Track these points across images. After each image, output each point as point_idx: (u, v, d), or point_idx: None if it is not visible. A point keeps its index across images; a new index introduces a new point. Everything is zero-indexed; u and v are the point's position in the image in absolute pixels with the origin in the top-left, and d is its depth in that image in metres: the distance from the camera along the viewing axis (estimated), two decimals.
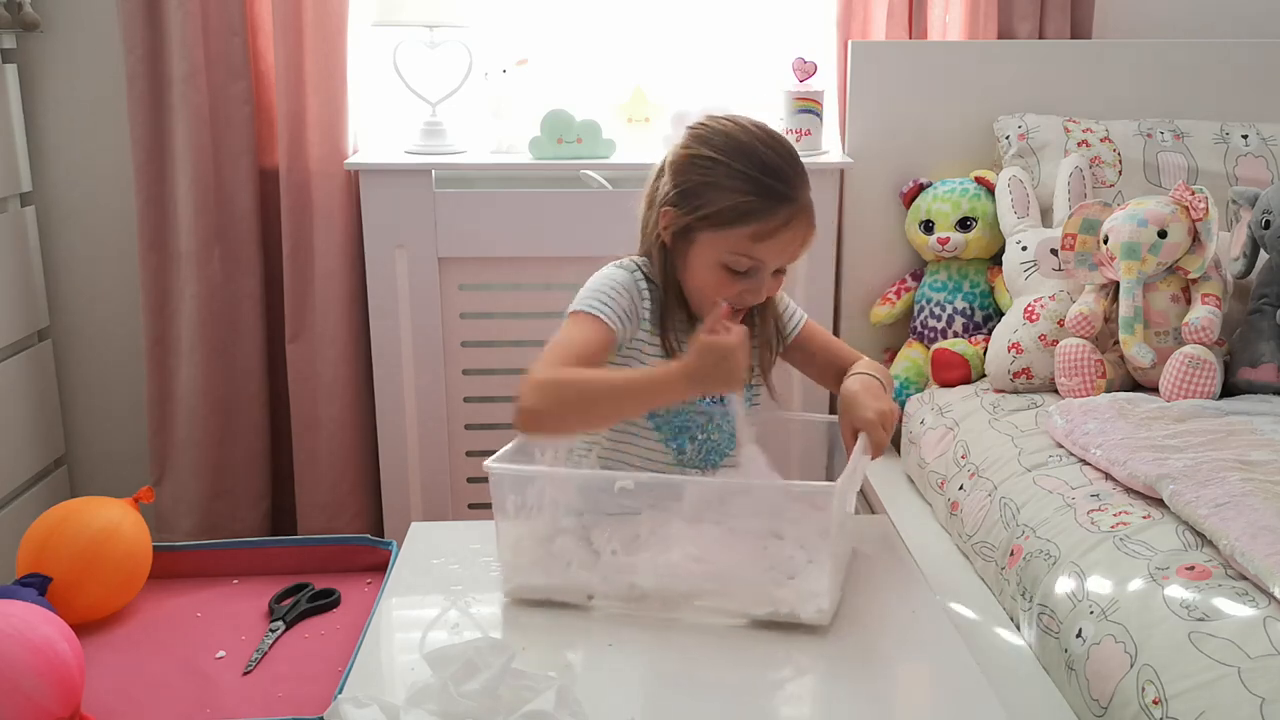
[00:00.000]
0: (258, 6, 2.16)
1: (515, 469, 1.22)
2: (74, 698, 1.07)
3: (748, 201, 1.28)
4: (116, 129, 2.24)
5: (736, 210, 1.28)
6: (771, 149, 1.30)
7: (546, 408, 1.21)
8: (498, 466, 1.20)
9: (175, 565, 1.43)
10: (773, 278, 1.34)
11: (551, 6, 2.31)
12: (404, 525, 1.56)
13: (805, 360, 1.49)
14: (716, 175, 1.29)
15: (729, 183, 1.28)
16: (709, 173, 1.29)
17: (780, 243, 1.29)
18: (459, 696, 0.97)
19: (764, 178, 1.28)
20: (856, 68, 2.22)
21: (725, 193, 1.28)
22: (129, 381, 2.36)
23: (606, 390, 1.23)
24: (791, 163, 1.31)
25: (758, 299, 1.34)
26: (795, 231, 1.30)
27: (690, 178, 1.31)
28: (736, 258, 1.29)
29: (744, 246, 1.29)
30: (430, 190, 2.12)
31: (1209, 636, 1.08)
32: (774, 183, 1.28)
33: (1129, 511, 1.36)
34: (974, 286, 2.16)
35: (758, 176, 1.28)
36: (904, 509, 1.86)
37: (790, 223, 1.29)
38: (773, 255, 1.30)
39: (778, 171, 1.29)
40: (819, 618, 1.15)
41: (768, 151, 1.30)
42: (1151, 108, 2.22)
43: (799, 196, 1.30)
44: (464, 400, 2.23)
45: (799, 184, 1.30)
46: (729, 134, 1.31)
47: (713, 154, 1.30)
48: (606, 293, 1.33)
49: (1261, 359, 1.76)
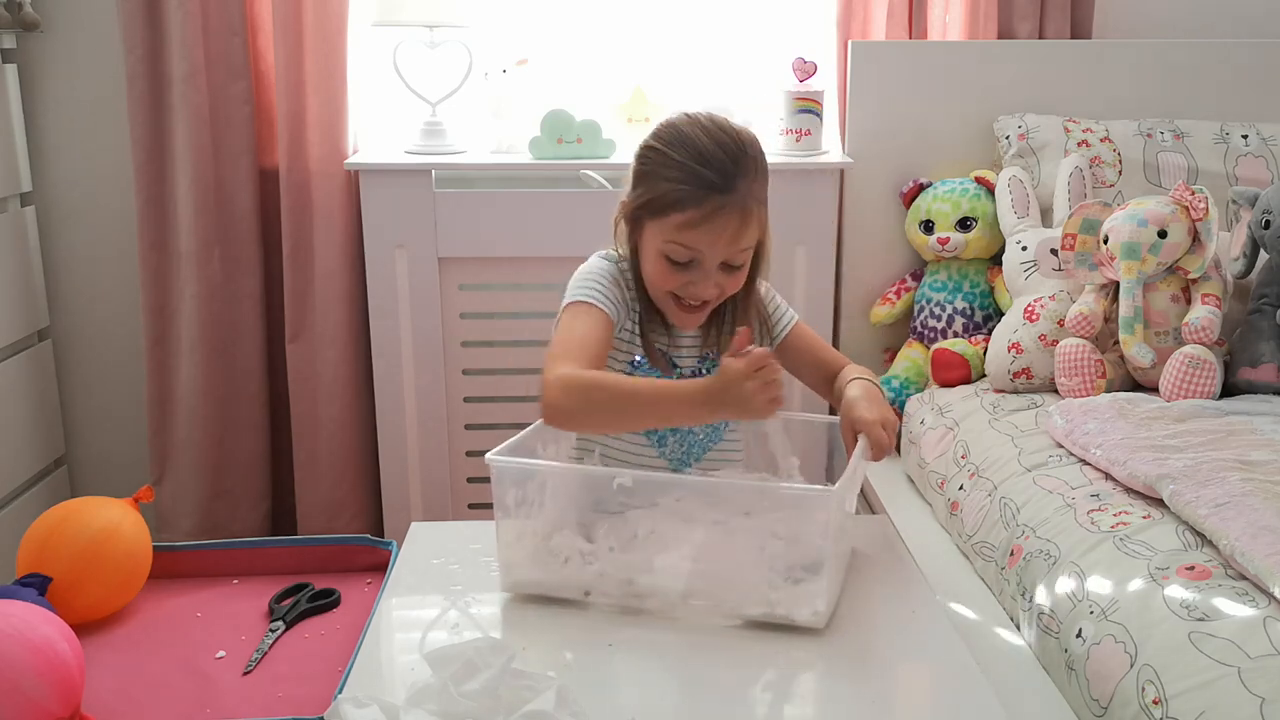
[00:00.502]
0: (258, 6, 2.16)
1: (517, 462, 1.22)
2: (74, 698, 1.07)
3: (676, 189, 1.29)
4: (116, 129, 2.24)
5: (666, 198, 1.30)
6: (712, 139, 1.30)
7: (577, 408, 1.24)
8: (499, 460, 1.21)
9: (175, 565, 1.43)
10: (723, 273, 1.33)
11: (551, 6, 2.31)
12: (404, 525, 1.56)
13: (794, 363, 1.48)
14: (655, 164, 1.32)
15: (664, 171, 1.30)
16: (650, 161, 1.33)
17: (708, 233, 1.29)
18: (459, 696, 0.97)
19: (695, 165, 1.28)
20: (856, 68, 2.22)
21: (660, 181, 1.31)
22: (129, 381, 2.36)
23: (634, 400, 1.25)
24: (731, 153, 1.29)
25: (705, 293, 1.33)
26: (724, 222, 1.29)
27: (638, 167, 1.35)
28: (671, 246, 1.31)
29: (674, 235, 1.30)
30: (430, 190, 2.12)
31: (1209, 636, 1.08)
32: (704, 171, 1.28)
33: (1129, 511, 1.36)
34: (974, 286, 2.16)
35: (689, 164, 1.28)
36: (904, 509, 1.86)
37: (717, 213, 1.28)
38: (704, 245, 1.30)
39: (710, 161, 1.28)
40: (815, 620, 1.14)
41: (706, 141, 1.29)
42: (1151, 108, 2.22)
43: (731, 187, 1.28)
44: (464, 400, 2.23)
45: (734, 175, 1.29)
46: (675, 125, 1.33)
47: (655, 143, 1.33)
48: (598, 282, 1.36)
49: (1261, 359, 1.76)
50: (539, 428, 1.30)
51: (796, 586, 1.15)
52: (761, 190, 1.33)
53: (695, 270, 1.32)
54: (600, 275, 1.37)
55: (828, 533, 1.14)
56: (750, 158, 1.31)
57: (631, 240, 1.37)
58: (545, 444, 1.30)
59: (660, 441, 1.42)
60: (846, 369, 1.44)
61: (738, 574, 1.16)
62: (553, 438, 1.31)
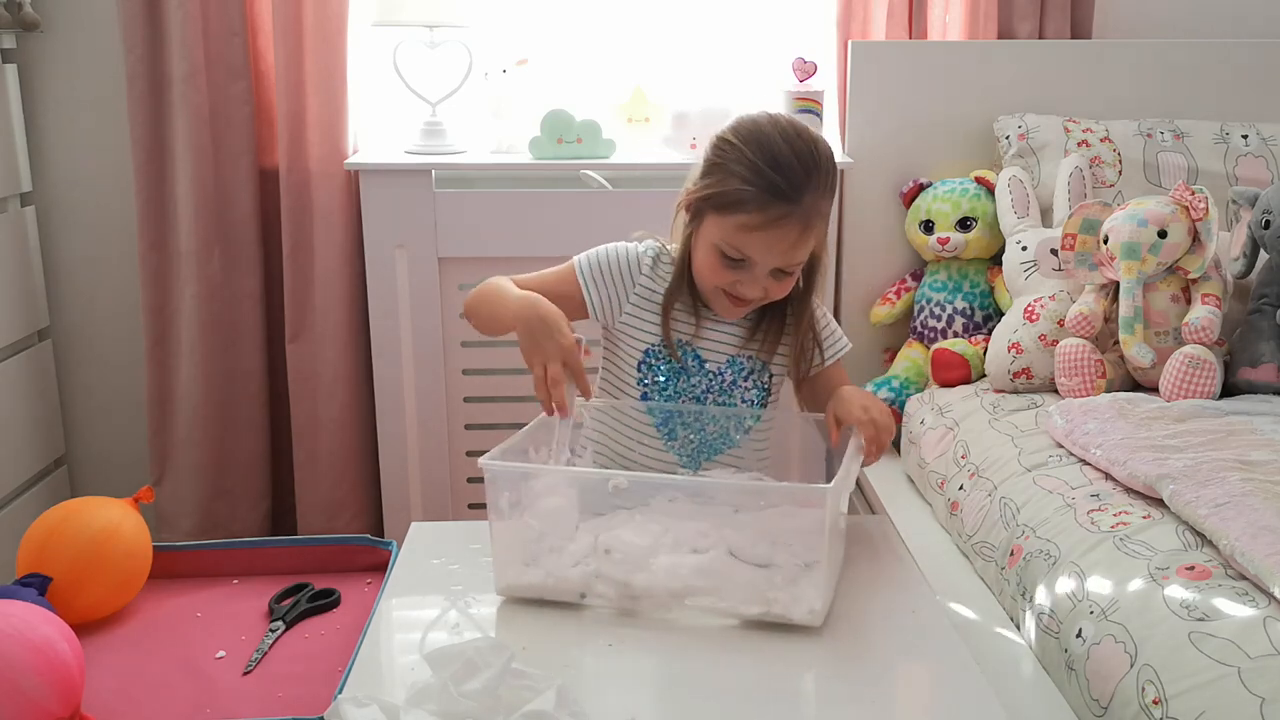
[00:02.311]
0: (258, 6, 2.16)
1: (510, 466, 1.22)
2: (74, 698, 1.07)
3: (744, 190, 1.28)
4: (116, 129, 2.24)
5: (732, 196, 1.29)
6: (789, 144, 1.28)
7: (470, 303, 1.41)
8: (493, 464, 1.20)
9: (175, 565, 1.42)
10: (773, 278, 1.32)
11: (551, 6, 2.31)
12: (404, 525, 1.56)
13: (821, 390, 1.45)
14: (728, 158, 1.30)
15: (735, 168, 1.29)
16: (724, 154, 1.31)
17: (767, 239, 1.28)
18: (459, 696, 0.97)
19: (767, 169, 1.27)
20: (856, 68, 2.22)
21: (730, 177, 1.29)
22: (129, 381, 2.36)
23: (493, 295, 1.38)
24: (806, 164, 1.27)
25: (753, 294, 1.33)
26: (784, 232, 1.28)
27: (710, 157, 1.33)
28: (727, 245, 1.31)
29: (732, 235, 1.29)
30: (430, 190, 2.12)
31: (1209, 636, 1.08)
32: (775, 177, 1.26)
33: (1129, 511, 1.36)
34: (974, 286, 2.16)
35: (761, 167, 1.27)
36: (904, 509, 1.86)
37: (779, 221, 1.27)
38: (759, 251, 1.29)
39: (783, 167, 1.27)
40: (811, 619, 1.14)
41: (783, 145, 1.27)
42: (1151, 108, 2.22)
43: (798, 198, 1.27)
44: (464, 400, 2.23)
45: (804, 185, 1.27)
46: (754, 121, 1.31)
47: (732, 137, 1.31)
48: (601, 259, 1.40)
49: (1261, 359, 1.76)
50: (532, 429, 1.30)
51: (793, 585, 1.15)
52: (827, 206, 1.32)
53: (745, 271, 1.32)
54: (608, 256, 1.40)
55: (823, 530, 1.14)
56: (823, 172, 1.29)
57: (693, 227, 1.36)
58: (538, 446, 1.30)
59: (670, 436, 1.42)
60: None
61: (733, 573, 1.16)
62: (545, 439, 1.31)
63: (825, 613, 1.16)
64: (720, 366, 1.43)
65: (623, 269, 1.38)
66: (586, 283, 1.37)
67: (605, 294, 1.38)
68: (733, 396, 1.44)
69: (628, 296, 1.39)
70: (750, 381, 1.44)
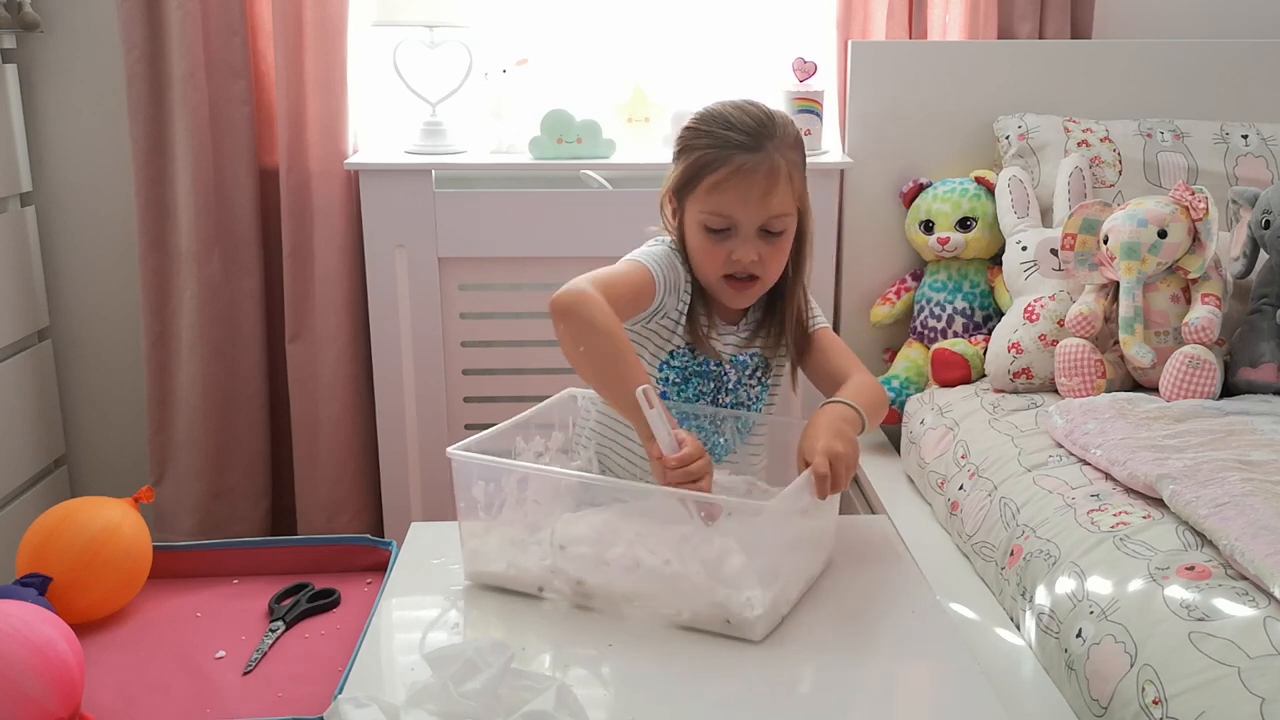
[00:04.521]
0: (258, 6, 2.16)
1: (476, 458, 1.23)
2: (74, 698, 1.07)
3: (704, 154, 1.32)
4: (116, 129, 2.24)
5: (696, 164, 1.33)
6: (740, 109, 1.33)
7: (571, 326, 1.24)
8: (460, 454, 1.23)
9: (175, 565, 1.42)
10: (764, 241, 1.33)
11: (551, 6, 2.31)
12: (404, 525, 1.56)
13: (809, 368, 1.47)
14: (687, 140, 1.36)
15: (696, 142, 1.34)
16: (684, 139, 1.36)
17: (739, 192, 1.30)
18: (459, 696, 0.97)
19: (721, 130, 1.32)
20: (856, 68, 2.22)
21: (691, 153, 1.34)
22: (129, 381, 2.36)
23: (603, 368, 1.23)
24: (757, 119, 1.32)
25: (747, 257, 1.33)
26: (752, 180, 1.30)
27: (675, 150, 1.38)
28: (707, 215, 1.33)
29: (706, 201, 1.32)
30: (430, 190, 2.12)
31: (1209, 636, 1.08)
32: (730, 134, 1.31)
33: (1129, 511, 1.36)
34: (974, 286, 2.16)
35: (716, 130, 1.32)
36: (904, 509, 1.86)
37: (745, 170, 1.30)
38: (735, 206, 1.31)
39: (736, 125, 1.31)
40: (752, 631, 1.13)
41: (734, 111, 1.33)
42: (1151, 108, 2.22)
43: (758, 145, 1.31)
44: (464, 400, 2.23)
45: (761, 134, 1.31)
46: (708, 106, 1.36)
47: (689, 124, 1.36)
48: (659, 259, 1.38)
49: (1261, 359, 1.76)
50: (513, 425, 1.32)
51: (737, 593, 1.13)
52: (794, 155, 1.34)
53: (734, 238, 1.33)
54: (664, 255, 1.39)
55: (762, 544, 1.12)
56: (778, 125, 1.33)
57: (681, 226, 1.39)
58: (529, 438, 1.32)
59: None
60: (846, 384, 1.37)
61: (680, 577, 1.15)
62: (538, 432, 1.33)
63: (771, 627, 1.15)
64: (726, 367, 1.43)
65: (675, 268, 1.39)
66: (660, 283, 1.36)
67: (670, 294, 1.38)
68: (738, 395, 1.44)
69: (680, 294, 1.39)
70: (754, 379, 1.45)
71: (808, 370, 1.47)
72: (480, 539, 1.26)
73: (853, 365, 1.42)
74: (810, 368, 1.47)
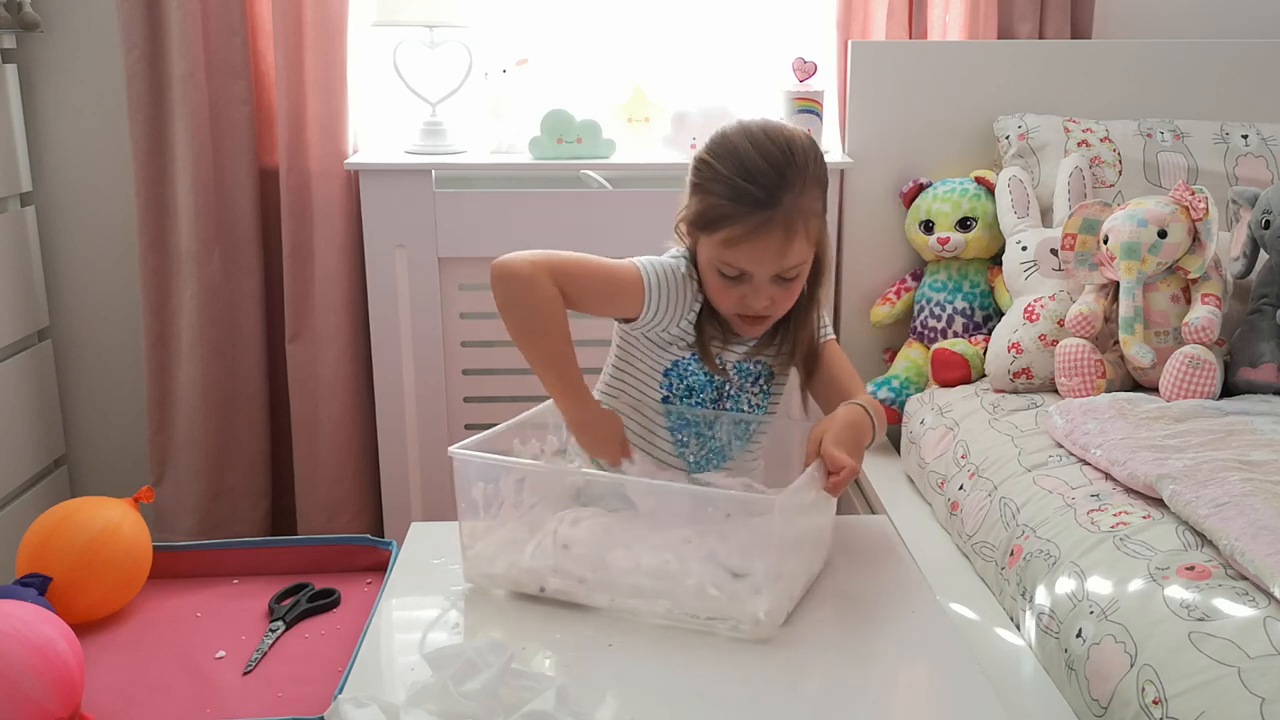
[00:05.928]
0: (258, 6, 2.16)
1: (477, 456, 1.23)
2: (74, 698, 1.07)
3: (721, 205, 1.25)
4: (116, 129, 2.24)
5: (709, 215, 1.27)
6: (760, 151, 1.25)
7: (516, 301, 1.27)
8: (462, 454, 1.22)
9: (175, 565, 1.42)
10: (777, 286, 1.29)
11: (551, 6, 2.31)
12: (404, 525, 1.56)
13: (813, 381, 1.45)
14: (704, 177, 1.28)
15: (712, 185, 1.27)
16: (700, 174, 1.29)
17: (752, 249, 1.25)
18: (459, 696, 0.97)
19: (739, 181, 1.24)
20: (856, 68, 2.22)
21: (708, 196, 1.27)
22: (129, 381, 2.36)
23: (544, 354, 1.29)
24: (778, 166, 1.25)
25: (758, 304, 1.30)
26: (768, 239, 1.24)
27: (691, 179, 1.31)
28: (721, 264, 1.28)
29: (720, 252, 1.27)
30: (430, 190, 2.12)
31: (1209, 636, 1.08)
32: (748, 187, 1.24)
33: (1129, 511, 1.36)
34: (974, 286, 2.16)
35: (733, 179, 1.24)
36: (904, 509, 1.86)
37: (761, 229, 1.24)
38: (749, 263, 1.27)
39: (754, 175, 1.24)
40: (758, 630, 1.13)
41: (752, 154, 1.25)
42: (1151, 108, 2.22)
43: (775, 202, 1.24)
44: (464, 400, 2.23)
45: (779, 188, 1.24)
46: (725, 135, 1.29)
47: (706, 156, 1.29)
48: (666, 276, 1.33)
49: (1261, 359, 1.76)
50: (511, 426, 1.31)
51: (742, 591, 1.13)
52: (813, 201, 1.28)
53: (747, 284, 1.29)
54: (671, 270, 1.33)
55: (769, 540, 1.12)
56: (798, 168, 1.26)
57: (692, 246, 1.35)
58: (525, 440, 1.32)
59: (682, 444, 1.42)
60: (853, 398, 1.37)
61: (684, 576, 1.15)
62: (534, 434, 1.33)
63: (776, 623, 1.15)
64: (730, 375, 1.42)
65: (683, 289, 1.34)
66: (652, 297, 1.32)
67: (666, 312, 1.34)
68: (739, 402, 1.44)
69: (683, 315, 1.35)
70: (757, 386, 1.44)
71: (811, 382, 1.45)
72: (481, 539, 1.26)
73: (856, 386, 1.41)
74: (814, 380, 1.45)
